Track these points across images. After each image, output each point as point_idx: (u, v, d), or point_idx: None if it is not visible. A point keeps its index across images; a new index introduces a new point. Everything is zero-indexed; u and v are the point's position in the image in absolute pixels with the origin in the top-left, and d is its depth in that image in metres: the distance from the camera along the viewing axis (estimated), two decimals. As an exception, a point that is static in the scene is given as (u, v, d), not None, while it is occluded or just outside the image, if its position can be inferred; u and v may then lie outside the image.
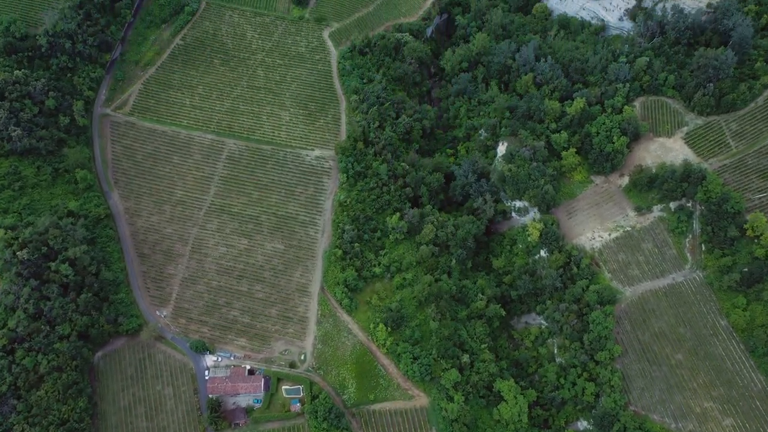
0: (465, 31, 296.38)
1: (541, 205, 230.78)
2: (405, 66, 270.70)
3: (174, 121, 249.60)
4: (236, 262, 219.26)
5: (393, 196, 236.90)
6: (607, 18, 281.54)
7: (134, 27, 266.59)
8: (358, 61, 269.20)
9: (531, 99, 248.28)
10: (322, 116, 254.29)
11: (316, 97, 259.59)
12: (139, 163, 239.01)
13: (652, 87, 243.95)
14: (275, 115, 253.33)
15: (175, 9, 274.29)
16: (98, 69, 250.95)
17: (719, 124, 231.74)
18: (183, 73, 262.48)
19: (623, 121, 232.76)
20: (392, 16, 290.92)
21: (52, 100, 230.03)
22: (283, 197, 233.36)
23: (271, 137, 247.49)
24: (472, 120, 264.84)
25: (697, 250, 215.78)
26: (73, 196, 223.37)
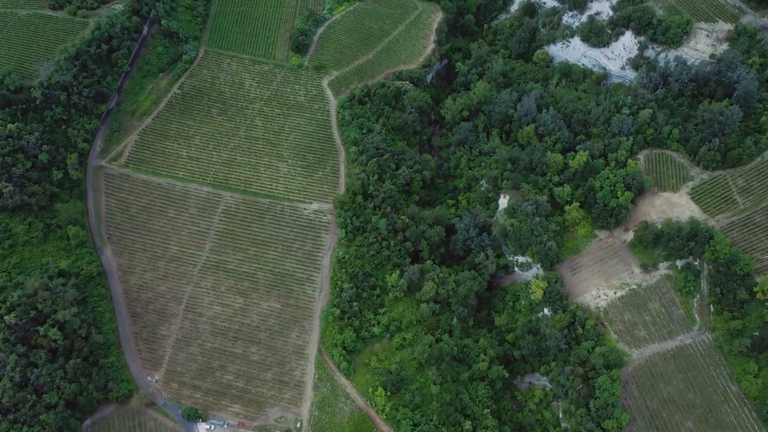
0: (465, 78, 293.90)
1: (544, 261, 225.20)
2: (405, 115, 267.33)
3: (170, 172, 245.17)
4: (231, 323, 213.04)
5: (393, 251, 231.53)
6: (609, 66, 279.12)
7: (131, 76, 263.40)
8: (358, 111, 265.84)
9: (533, 151, 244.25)
10: (320, 168, 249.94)
11: (314, 147, 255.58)
12: (134, 217, 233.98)
13: (656, 140, 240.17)
14: (273, 167, 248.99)
15: (173, 57, 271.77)
16: (93, 120, 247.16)
17: (725, 180, 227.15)
18: (180, 123, 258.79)
19: (627, 176, 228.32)
20: (392, 63, 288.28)
21: (46, 154, 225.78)
22: (280, 253, 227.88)
23: (269, 190, 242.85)
24: (473, 170, 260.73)
25: (705, 311, 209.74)
26: (65, 252, 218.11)
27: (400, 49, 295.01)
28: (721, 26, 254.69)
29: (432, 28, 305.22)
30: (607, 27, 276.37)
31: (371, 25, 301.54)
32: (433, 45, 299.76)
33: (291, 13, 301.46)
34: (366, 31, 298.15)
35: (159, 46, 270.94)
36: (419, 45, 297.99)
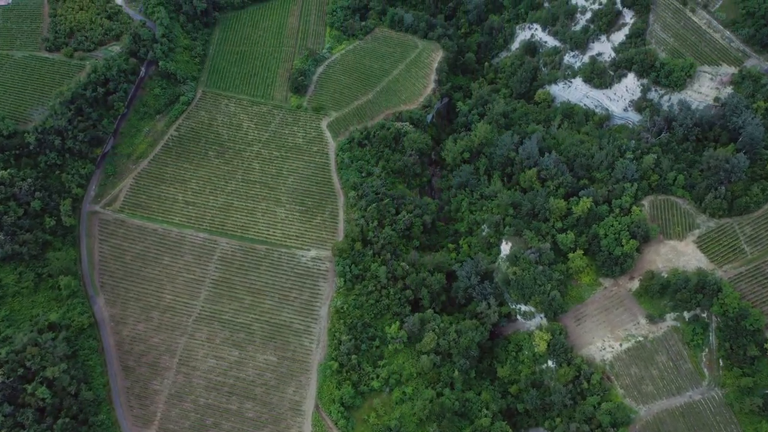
0: (466, 119, 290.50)
1: (547, 311, 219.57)
2: (405, 158, 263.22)
3: (165, 218, 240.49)
4: (226, 377, 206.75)
5: (392, 299, 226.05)
6: (612, 108, 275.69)
7: (128, 119, 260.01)
8: (357, 153, 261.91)
9: (535, 196, 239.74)
10: (319, 213, 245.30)
11: (313, 191, 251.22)
12: (128, 264, 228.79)
13: (661, 186, 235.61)
14: (271, 212, 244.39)
15: (171, 99, 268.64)
16: (88, 165, 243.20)
17: (732, 228, 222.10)
18: (176, 166, 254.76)
19: (632, 224, 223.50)
20: (392, 103, 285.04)
21: (38, 202, 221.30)
22: (277, 303, 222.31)
23: (266, 236, 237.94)
24: (475, 215, 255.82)
25: (714, 365, 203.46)
26: (56, 303, 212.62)
27: (401, 89, 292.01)
28: (725, 70, 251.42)
29: (432, 68, 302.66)
30: (609, 68, 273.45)
31: (371, 64, 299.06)
32: (433, 84, 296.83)
33: (290, 53, 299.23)
34: (366, 71, 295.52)
35: (156, 87, 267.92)
36: (419, 85, 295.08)
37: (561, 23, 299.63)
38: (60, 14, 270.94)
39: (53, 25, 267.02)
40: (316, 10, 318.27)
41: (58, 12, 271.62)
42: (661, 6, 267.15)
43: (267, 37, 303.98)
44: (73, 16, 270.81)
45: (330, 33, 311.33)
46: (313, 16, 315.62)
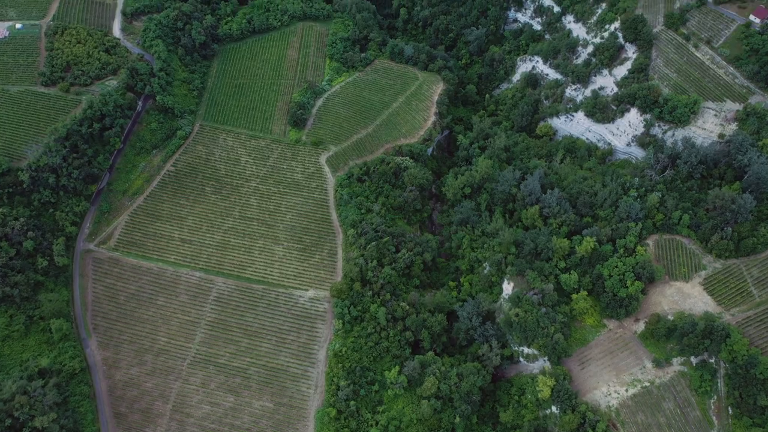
0: (467, 153, 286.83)
1: (551, 355, 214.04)
2: (405, 194, 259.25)
3: (161, 256, 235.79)
4: (221, 424, 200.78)
5: (392, 341, 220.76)
6: (615, 142, 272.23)
7: (124, 154, 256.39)
8: (356, 189, 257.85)
9: (538, 235, 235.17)
10: (317, 251, 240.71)
11: (311, 229, 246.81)
12: (122, 305, 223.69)
13: (666, 225, 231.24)
14: (268, 250, 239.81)
15: (168, 133, 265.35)
16: (83, 202, 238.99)
17: (739, 269, 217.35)
18: (173, 202, 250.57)
19: (637, 265, 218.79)
20: (392, 137, 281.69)
21: (31, 242, 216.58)
22: (274, 346, 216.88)
23: (263, 275, 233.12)
24: (476, 252, 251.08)
25: (723, 413, 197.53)
26: (47, 347, 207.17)
27: (401, 122, 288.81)
28: (729, 106, 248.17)
29: (433, 100, 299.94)
30: (611, 103, 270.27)
31: (371, 97, 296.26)
32: (434, 117, 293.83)
33: (289, 86, 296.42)
34: (366, 104, 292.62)
35: (153, 122, 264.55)
36: (420, 118, 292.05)
37: (562, 56, 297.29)
38: (57, 48, 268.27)
39: (50, 59, 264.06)
40: (316, 42, 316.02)
41: (55, 46, 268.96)
42: (664, 41, 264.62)
43: (266, 70, 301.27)
44: (70, 50, 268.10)
45: (330, 65, 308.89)
46: (312, 48, 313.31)
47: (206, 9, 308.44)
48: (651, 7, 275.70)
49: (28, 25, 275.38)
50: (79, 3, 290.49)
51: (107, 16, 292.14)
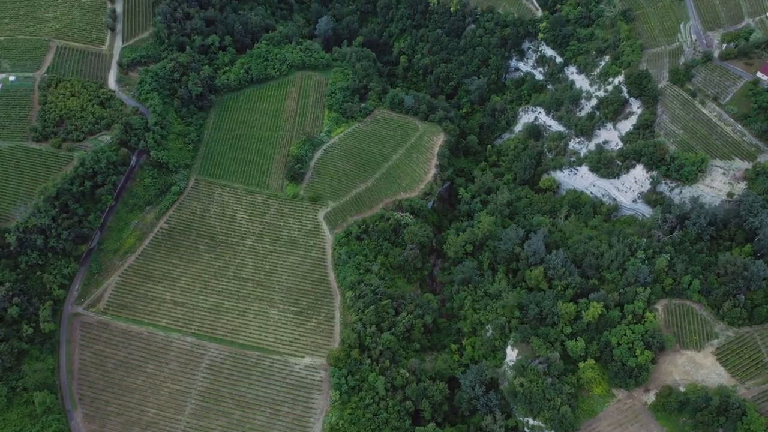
0: (469, 207, 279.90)
1: (558, 428, 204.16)
2: (405, 252, 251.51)
3: (152, 320, 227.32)
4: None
5: (391, 413, 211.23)
6: (620, 198, 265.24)
7: (116, 211, 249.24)
8: (355, 248, 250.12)
9: (543, 299, 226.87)
10: (314, 315, 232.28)
11: (308, 290, 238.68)
12: (109, 373, 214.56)
13: (676, 290, 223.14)
14: (263, 314, 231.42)
15: (162, 189, 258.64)
16: (72, 263, 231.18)
17: (753, 339, 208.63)
18: (165, 262, 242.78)
19: (646, 333, 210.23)
20: (392, 191, 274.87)
21: (16, 308, 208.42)
22: (268, 418, 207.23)
23: (258, 341, 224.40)
24: (479, 314, 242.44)
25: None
26: (30, 420, 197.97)
27: (401, 175, 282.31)
28: (738, 164, 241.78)
29: (434, 152, 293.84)
30: (616, 158, 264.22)
31: (370, 149, 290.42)
32: (434, 170, 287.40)
33: (287, 137, 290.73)
34: (365, 156, 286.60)
35: (147, 177, 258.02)
36: (420, 170, 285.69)
37: (566, 108, 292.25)
38: (50, 101, 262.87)
39: (42, 113, 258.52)
40: (315, 91, 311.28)
41: (49, 99, 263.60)
42: (669, 97, 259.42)
43: (264, 120, 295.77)
44: (64, 103, 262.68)
45: (328, 115, 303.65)
46: (311, 98, 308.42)
47: (204, 59, 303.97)
48: (655, 62, 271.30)
49: (22, 78, 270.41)
50: (75, 54, 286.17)
51: (103, 67, 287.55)
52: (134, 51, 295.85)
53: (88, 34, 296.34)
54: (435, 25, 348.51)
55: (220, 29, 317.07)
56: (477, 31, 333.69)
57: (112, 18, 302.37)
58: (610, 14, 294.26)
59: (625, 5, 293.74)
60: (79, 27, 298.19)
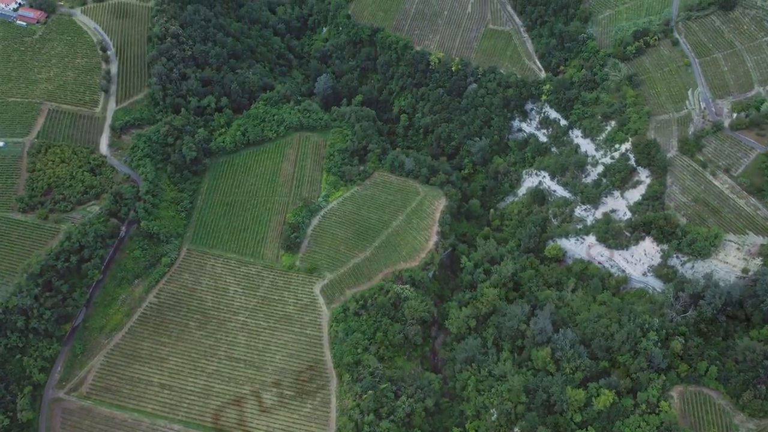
0: (472, 277, 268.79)
1: None
2: (406, 329, 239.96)
3: (137, 405, 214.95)
4: None
5: None
6: (629, 270, 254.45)
7: (102, 286, 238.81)
8: (353, 324, 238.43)
9: (550, 384, 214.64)
10: (309, 399, 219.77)
11: (303, 372, 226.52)
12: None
13: (692, 377, 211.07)
14: (255, 398, 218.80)
15: (151, 261, 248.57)
16: (54, 345, 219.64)
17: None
18: (153, 340, 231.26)
19: (662, 425, 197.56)
20: (391, 261, 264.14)
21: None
22: None
23: (249, 429, 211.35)
24: (483, 396, 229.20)
25: None
26: None
27: (401, 244, 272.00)
28: (752, 239, 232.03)
29: (435, 218, 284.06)
30: (625, 229, 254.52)
31: (369, 215, 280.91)
32: (436, 237, 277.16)
33: (284, 202, 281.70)
34: (364, 223, 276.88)
35: (137, 248, 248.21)
36: (421, 238, 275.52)
37: (571, 174, 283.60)
38: (39, 168, 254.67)
39: (30, 181, 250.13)
40: (313, 153, 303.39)
41: (38, 166, 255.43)
42: (679, 167, 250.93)
43: (260, 185, 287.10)
44: (53, 171, 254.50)
45: (327, 179, 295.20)
46: (309, 160, 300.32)
47: (199, 121, 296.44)
48: (663, 130, 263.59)
49: (11, 144, 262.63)
50: (67, 118, 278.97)
51: (95, 131, 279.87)
52: (128, 113, 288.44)
53: (81, 96, 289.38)
54: (436, 84, 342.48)
55: (217, 90, 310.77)
56: (479, 91, 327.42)
57: (107, 79, 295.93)
58: (615, 78, 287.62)
59: (630, 70, 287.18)
60: (72, 89, 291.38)
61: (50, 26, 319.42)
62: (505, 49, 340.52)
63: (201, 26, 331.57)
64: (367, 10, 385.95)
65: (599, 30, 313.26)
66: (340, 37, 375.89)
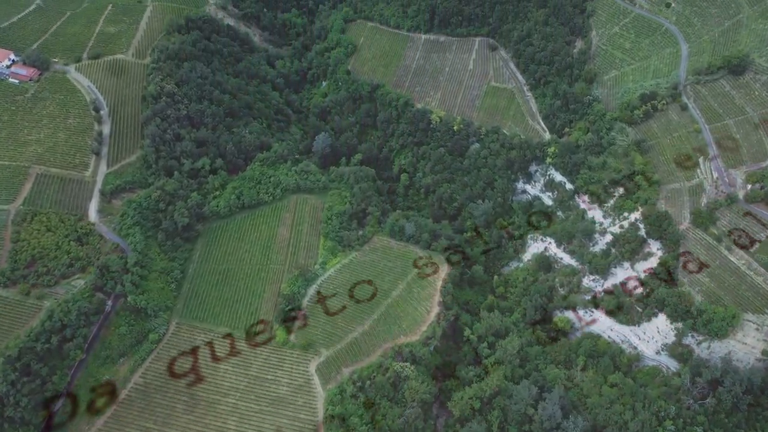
0: (475, 352, 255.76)
1: None
2: (406, 413, 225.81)
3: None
4: None
5: None
6: (642, 348, 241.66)
7: (85, 366, 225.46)
8: (349, 408, 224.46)
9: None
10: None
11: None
12: None
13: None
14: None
15: (138, 337, 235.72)
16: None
17: None
18: (137, 425, 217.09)
19: None
20: (391, 335, 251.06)
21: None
22: None
23: None
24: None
25: None
26: None
27: (401, 316, 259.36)
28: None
29: (436, 287, 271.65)
30: (636, 304, 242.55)
31: (368, 284, 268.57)
32: (437, 308, 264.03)
33: (279, 271, 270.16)
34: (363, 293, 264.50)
35: (123, 325, 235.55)
36: (422, 309, 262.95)
37: (578, 242, 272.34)
38: (23, 239, 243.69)
39: (13, 252, 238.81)
40: (310, 217, 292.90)
41: (22, 236, 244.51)
42: (692, 241, 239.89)
43: (254, 252, 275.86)
44: (38, 241, 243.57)
45: (324, 244, 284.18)
46: (306, 224, 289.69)
47: (193, 184, 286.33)
48: (675, 200, 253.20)
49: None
50: (55, 182, 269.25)
51: (84, 195, 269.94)
52: (119, 177, 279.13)
53: (71, 160, 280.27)
54: (437, 143, 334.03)
55: (212, 151, 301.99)
56: (482, 152, 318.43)
57: (98, 141, 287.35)
58: (622, 143, 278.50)
59: (638, 134, 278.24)
60: (62, 151, 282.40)
61: (43, 84, 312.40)
62: (508, 107, 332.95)
63: (197, 84, 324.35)
64: (367, 65, 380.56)
65: (605, 91, 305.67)
66: (340, 93, 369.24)
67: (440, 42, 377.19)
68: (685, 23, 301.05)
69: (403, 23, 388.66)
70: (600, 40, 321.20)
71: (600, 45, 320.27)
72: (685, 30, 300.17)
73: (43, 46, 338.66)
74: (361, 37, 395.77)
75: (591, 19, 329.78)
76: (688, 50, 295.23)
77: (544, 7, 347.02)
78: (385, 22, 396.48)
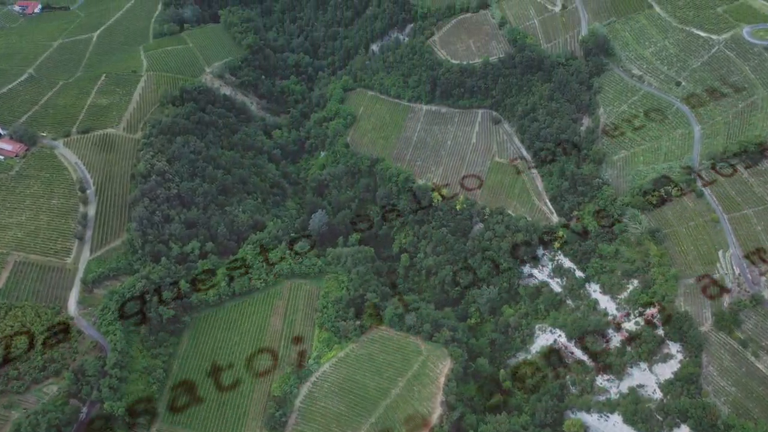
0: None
1: None
2: None
3: None
4: None
5: None
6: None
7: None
8: None
9: None
10: None
11: None
12: None
13: None
14: None
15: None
16: None
17: None
18: None
19: None
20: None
21: None
22: None
23: None
24: None
25: None
26: None
27: (401, 418, 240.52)
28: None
29: (439, 384, 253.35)
30: (656, 412, 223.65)
31: (365, 381, 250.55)
32: (441, 408, 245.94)
33: (270, 366, 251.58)
34: (360, 392, 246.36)
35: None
36: (424, 409, 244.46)
37: (591, 337, 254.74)
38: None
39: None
40: (305, 305, 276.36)
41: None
42: (716, 345, 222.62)
43: (244, 345, 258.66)
44: (10, 340, 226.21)
45: (319, 335, 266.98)
46: (300, 313, 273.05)
47: (180, 270, 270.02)
48: (695, 297, 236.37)
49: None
50: (34, 271, 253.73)
51: (64, 285, 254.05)
52: (102, 264, 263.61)
53: (52, 245, 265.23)
54: (439, 223, 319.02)
55: (202, 233, 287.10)
56: (485, 234, 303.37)
57: (82, 225, 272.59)
58: (635, 231, 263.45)
59: (652, 222, 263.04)
60: (44, 236, 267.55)
61: (29, 161, 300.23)
62: (513, 185, 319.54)
63: (190, 160, 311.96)
64: (366, 136, 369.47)
65: (614, 173, 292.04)
66: (338, 167, 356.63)
67: (442, 113, 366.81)
68: (697, 103, 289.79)
69: (404, 93, 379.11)
70: (608, 117, 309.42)
71: (608, 122, 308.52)
72: (697, 110, 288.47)
73: (32, 118, 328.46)
74: (361, 106, 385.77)
75: (598, 96, 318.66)
76: (700, 132, 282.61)
77: (549, 81, 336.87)
78: (385, 92, 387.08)
